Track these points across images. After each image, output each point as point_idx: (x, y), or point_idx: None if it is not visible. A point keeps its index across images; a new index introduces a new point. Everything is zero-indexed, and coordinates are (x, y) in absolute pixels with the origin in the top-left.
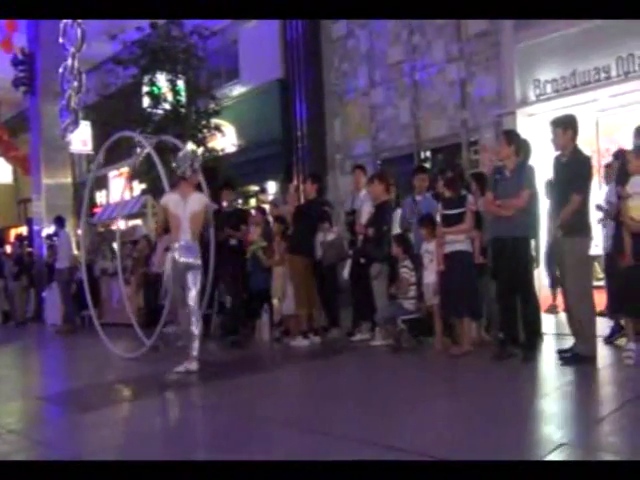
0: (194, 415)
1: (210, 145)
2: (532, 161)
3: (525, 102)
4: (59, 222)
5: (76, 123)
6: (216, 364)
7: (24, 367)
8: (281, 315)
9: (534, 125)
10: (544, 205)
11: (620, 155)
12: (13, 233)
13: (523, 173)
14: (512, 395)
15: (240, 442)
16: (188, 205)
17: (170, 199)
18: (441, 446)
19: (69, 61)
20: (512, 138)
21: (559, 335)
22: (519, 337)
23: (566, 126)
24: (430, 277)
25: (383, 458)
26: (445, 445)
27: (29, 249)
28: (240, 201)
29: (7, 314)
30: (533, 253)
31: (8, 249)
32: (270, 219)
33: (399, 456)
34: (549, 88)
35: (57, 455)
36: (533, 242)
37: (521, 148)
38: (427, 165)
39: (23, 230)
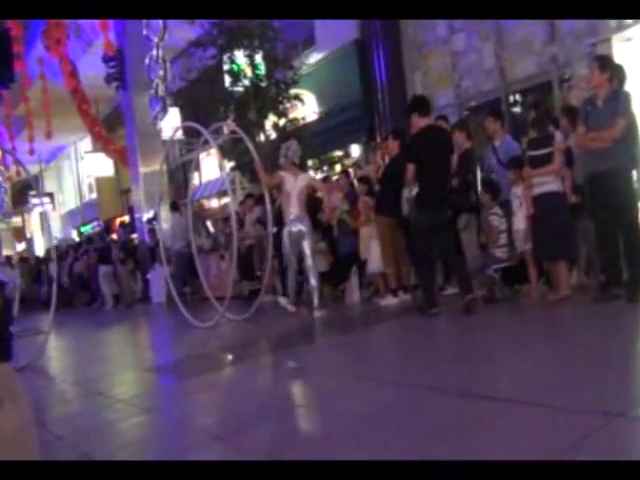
0: (293, 376)
1: (292, 116)
2: (628, 87)
3: (621, 26)
4: (173, 206)
5: (165, 110)
6: (309, 328)
7: (134, 343)
8: (369, 275)
9: (633, 50)
10: None
11: None
12: (118, 222)
13: (618, 101)
14: (615, 340)
15: (344, 398)
16: (297, 183)
17: (285, 176)
18: (536, 394)
19: (154, 51)
20: (606, 64)
21: None
22: (622, 277)
23: None
24: (520, 223)
25: (477, 408)
26: (540, 392)
27: (133, 235)
28: (325, 168)
29: (118, 297)
30: (636, 185)
31: (114, 237)
32: (354, 182)
33: (494, 405)
34: None
35: (160, 419)
36: (635, 174)
37: (615, 74)
38: (517, 109)
39: (126, 218)
